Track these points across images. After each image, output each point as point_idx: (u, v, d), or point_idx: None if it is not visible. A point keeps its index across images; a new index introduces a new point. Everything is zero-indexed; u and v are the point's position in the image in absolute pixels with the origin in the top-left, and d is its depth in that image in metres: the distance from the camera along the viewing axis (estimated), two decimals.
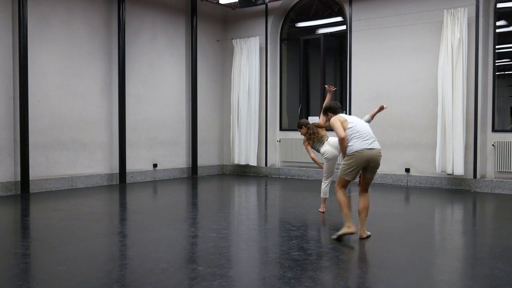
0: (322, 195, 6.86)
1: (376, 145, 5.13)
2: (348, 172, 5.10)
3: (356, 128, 5.12)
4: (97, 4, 9.71)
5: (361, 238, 5.27)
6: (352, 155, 5.05)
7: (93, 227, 5.98)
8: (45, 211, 7.07)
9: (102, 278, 3.95)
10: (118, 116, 9.98)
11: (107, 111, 9.89)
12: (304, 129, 6.93)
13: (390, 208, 7.45)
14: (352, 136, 5.10)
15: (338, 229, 5.97)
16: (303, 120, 7.13)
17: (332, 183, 6.51)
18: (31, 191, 8.54)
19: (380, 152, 5.15)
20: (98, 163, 9.75)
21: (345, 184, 5.21)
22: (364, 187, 5.37)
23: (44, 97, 8.82)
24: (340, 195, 5.19)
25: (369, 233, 5.39)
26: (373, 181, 9.99)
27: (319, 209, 6.90)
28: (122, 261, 4.53)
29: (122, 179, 10.05)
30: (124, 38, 9.97)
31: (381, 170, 10.05)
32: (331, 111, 5.54)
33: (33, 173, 8.58)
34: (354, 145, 5.05)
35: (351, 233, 5.17)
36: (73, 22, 9.27)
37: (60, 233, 5.63)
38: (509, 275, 4.06)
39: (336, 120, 5.23)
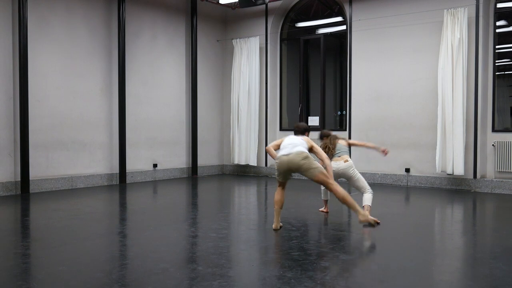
0: (323, 197, 6.86)
1: (294, 150, 5.61)
2: (277, 175, 5.80)
3: (283, 143, 5.84)
4: (97, 4, 9.71)
5: (360, 222, 5.79)
6: (276, 162, 5.76)
7: (93, 227, 5.98)
8: (45, 211, 7.07)
9: (102, 278, 3.95)
10: (118, 116, 9.99)
11: (107, 111, 9.89)
12: (325, 140, 6.68)
13: (390, 208, 7.45)
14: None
15: (338, 229, 5.99)
16: (326, 131, 6.92)
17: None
18: (31, 191, 8.55)
19: (297, 155, 5.56)
20: (98, 163, 9.75)
21: (279, 184, 5.85)
22: (325, 187, 5.83)
23: (44, 97, 8.82)
24: (275, 193, 5.88)
25: (372, 218, 5.88)
26: (373, 181, 10.14)
27: (321, 209, 6.89)
28: (122, 261, 4.53)
29: (122, 179, 10.05)
30: (124, 38, 9.97)
31: (381, 170, 10.19)
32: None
33: (33, 173, 8.58)
34: (277, 155, 5.79)
35: (274, 229, 5.74)
36: (73, 22, 9.27)
37: (60, 233, 5.63)
38: (509, 275, 4.06)
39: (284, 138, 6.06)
